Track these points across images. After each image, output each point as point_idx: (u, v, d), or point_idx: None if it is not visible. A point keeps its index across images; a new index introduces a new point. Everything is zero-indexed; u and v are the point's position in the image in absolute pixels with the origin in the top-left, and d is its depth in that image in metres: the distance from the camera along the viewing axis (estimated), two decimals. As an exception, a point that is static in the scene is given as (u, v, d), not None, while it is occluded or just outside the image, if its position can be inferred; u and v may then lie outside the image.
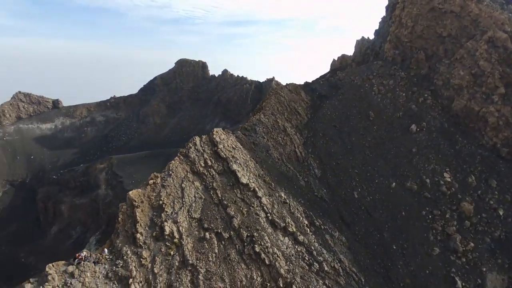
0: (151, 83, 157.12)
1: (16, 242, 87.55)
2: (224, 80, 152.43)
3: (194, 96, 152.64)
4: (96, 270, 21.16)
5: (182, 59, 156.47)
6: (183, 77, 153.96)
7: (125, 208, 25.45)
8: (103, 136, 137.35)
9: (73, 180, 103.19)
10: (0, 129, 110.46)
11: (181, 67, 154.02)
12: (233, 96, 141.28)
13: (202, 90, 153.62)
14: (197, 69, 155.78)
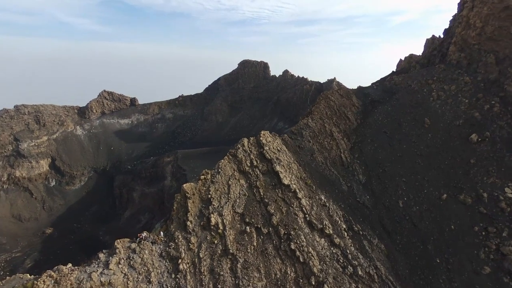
0: (215, 83, 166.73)
1: (96, 222, 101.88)
2: (284, 80, 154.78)
3: (255, 96, 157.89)
4: (153, 249, 25.53)
5: (244, 60, 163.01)
6: (245, 78, 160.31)
7: (179, 199, 29.68)
8: (171, 132, 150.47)
9: (144, 171, 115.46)
10: (88, 122, 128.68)
11: (244, 68, 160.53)
12: (292, 96, 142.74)
13: (263, 90, 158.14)
14: (259, 70, 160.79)
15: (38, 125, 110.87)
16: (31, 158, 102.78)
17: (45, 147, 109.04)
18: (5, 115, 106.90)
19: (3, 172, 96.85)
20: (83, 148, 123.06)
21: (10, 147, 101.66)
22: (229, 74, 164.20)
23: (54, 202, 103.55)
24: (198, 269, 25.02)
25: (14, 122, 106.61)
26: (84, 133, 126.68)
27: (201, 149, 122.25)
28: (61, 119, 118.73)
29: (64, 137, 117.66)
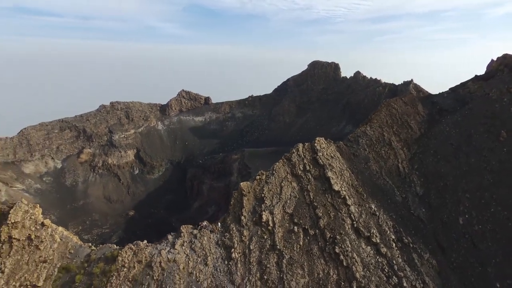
0: (284, 84, 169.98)
1: (170, 209, 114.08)
2: (355, 82, 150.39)
3: (324, 98, 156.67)
4: (211, 236, 29.75)
5: (314, 61, 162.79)
6: (314, 79, 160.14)
7: (236, 195, 33.53)
8: (239, 131, 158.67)
9: (213, 166, 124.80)
10: (167, 119, 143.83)
11: (313, 69, 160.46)
12: (363, 99, 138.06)
13: (332, 91, 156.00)
14: (329, 71, 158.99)
15: (128, 120, 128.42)
16: (121, 148, 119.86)
17: (132, 139, 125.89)
18: (103, 110, 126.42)
19: (99, 159, 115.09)
20: (163, 141, 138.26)
21: (105, 138, 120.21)
22: (298, 75, 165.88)
23: (137, 188, 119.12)
24: (248, 259, 28.39)
25: (110, 117, 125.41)
26: (164, 128, 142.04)
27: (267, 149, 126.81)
28: (146, 115, 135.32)
29: (147, 131, 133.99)
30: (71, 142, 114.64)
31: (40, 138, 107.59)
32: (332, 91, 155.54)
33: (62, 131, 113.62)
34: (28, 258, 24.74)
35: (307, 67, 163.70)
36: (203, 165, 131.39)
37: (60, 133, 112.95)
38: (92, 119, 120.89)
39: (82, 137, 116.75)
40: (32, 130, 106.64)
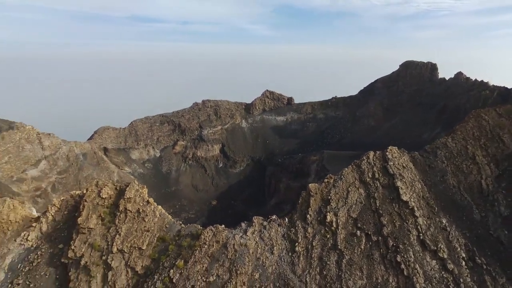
0: (372, 85, 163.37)
1: (248, 203, 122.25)
2: (456, 84, 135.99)
3: (415, 100, 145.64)
4: (278, 229, 33.72)
5: (407, 61, 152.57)
6: (406, 80, 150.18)
7: (305, 195, 36.76)
8: (320, 132, 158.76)
9: (291, 165, 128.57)
10: (251, 117, 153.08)
11: (406, 69, 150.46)
12: (464, 103, 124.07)
13: (426, 94, 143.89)
14: (424, 72, 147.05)
15: (216, 117, 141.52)
16: (208, 143, 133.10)
17: (219, 135, 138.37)
18: (195, 107, 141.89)
19: (190, 151, 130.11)
20: (245, 139, 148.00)
21: (196, 132, 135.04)
22: (388, 76, 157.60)
23: (220, 180, 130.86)
24: (310, 254, 31.48)
25: (201, 113, 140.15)
26: (247, 126, 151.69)
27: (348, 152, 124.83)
28: (232, 113, 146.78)
29: (232, 128, 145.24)
30: (168, 134, 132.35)
31: (145, 129, 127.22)
32: (426, 93, 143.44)
33: (162, 124, 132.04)
34: (137, 227, 32.48)
35: (399, 67, 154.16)
36: (282, 164, 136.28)
37: (160, 126, 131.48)
38: (186, 115, 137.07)
39: (177, 130, 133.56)
40: (139, 123, 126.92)
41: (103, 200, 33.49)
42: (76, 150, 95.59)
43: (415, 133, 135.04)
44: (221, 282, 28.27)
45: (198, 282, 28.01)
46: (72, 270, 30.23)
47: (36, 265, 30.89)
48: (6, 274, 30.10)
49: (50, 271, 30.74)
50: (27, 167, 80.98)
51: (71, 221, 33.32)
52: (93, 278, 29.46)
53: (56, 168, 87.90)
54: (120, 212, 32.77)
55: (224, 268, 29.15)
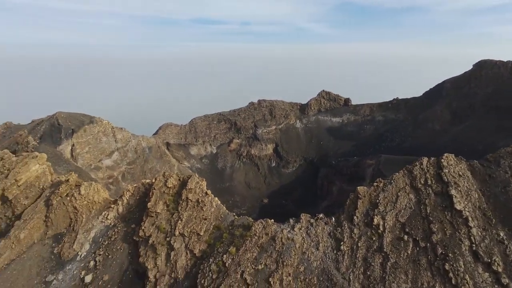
0: (439, 87, 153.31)
1: (299, 203, 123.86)
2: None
3: (491, 104, 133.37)
4: (325, 228, 35.59)
5: (483, 60, 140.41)
6: (480, 81, 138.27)
7: (353, 197, 38.02)
8: (378, 135, 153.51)
9: (346, 168, 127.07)
10: (306, 118, 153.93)
11: (480, 69, 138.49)
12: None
13: (505, 96, 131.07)
14: (503, 71, 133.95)
15: (271, 116, 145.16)
16: (262, 142, 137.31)
17: (273, 134, 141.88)
18: (251, 106, 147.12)
19: (244, 149, 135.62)
20: (299, 139, 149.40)
21: (251, 131, 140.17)
22: (458, 77, 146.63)
23: (272, 179, 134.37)
24: (354, 254, 32.88)
25: (256, 113, 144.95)
26: (301, 126, 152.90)
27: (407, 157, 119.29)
28: (286, 113, 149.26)
29: (286, 128, 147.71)
30: (224, 132, 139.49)
31: (203, 127, 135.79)
32: (505, 95, 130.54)
33: (219, 122, 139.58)
34: (196, 215, 36.87)
35: (472, 67, 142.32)
36: (335, 166, 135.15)
37: (218, 124, 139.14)
38: (242, 114, 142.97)
39: (233, 129, 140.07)
40: (198, 120, 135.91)
41: (169, 189, 38.55)
42: (143, 144, 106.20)
43: (489, 139, 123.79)
44: (268, 271, 31.15)
45: (247, 269, 31.25)
46: (142, 247, 35.61)
47: (114, 240, 36.95)
48: (90, 245, 36.57)
49: (124, 246, 36.55)
50: (102, 157, 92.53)
51: (142, 205, 38.97)
52: (159, 256, 34.44)
53: (126, 159, 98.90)
54: (182, 200, 37.48)
55: (271, 259, 31.99)
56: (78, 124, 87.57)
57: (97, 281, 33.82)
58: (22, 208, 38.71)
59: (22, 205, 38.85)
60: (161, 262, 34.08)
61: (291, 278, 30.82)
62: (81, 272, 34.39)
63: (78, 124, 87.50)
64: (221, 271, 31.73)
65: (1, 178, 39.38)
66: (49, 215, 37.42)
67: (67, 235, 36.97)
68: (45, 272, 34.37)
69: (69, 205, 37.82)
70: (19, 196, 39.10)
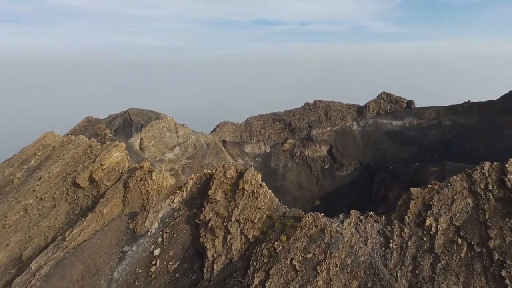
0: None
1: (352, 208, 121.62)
2: None
3: None
4: (374, 225, 36.99)
5: None
6: None
7: (405, 197, 38.74)
8: (445, 140, 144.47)
9: (405, 174, 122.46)
10: (363, 120, 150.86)
11: None
12: None
13: None
14: None
15: (326, 118, 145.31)
16: (317, 143, 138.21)
17: (327, 136, 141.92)
18: (306, 107, 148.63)
19: (298, 150, 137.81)
20: (355, 142, 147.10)
21: (305, 132, 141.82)
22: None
23: (325, 182, 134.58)
24: (403, 252, 33.88)
25: (311, 113, 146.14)
26: (358, 129, 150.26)
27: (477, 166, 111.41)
28: (343, 115, 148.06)
29: (342, 130, 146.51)
30: (279, 132, 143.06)
31: (258, 126, 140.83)
32: None
33: (274, 122, 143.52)
34: (251, 204, 40.70)
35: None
36: (394, 171, 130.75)
37: (272, 124, 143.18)
38: (297, 114, 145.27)
39: (287, 129, 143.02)
40: (254, 120, 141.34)
41: (227, 179, 42.96)
42: (202, 140, 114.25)
43: None
44: (316, 260, 33.69)
45: (297, 256, 34.13)
46: (202, 229, 40.42)
47: (178, 222, 42.38)
48: (159, 224, 42.43)
49: (187, 228, 41.75)
50: (166, 151, 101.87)
51: (203, 192, 43.94)
52: (217, 238, 38.89)
53: (186, 154, 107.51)
54: (239, 190, 41.59)
55: (320, 249, 34.46)
56: (146, 120, 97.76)
57: (163, 255, 39.37)
58: (105, 188, 46.17)
59: (105, 185, 46.34)
60: (219, 244, 38.46)
61: (338, 269, 32.99)
62: (151, 246, 40.27)
63: (147, 120, 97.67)
64: (272, 256, 35.06)
65: (90, 162, 47.36)
66: (126, 196, 44.19)
67: (140, 214, 43.32)
68: (122, 243, 40.89)
69: (143, 188, 44.20)
70: (103, 178, 46.69)
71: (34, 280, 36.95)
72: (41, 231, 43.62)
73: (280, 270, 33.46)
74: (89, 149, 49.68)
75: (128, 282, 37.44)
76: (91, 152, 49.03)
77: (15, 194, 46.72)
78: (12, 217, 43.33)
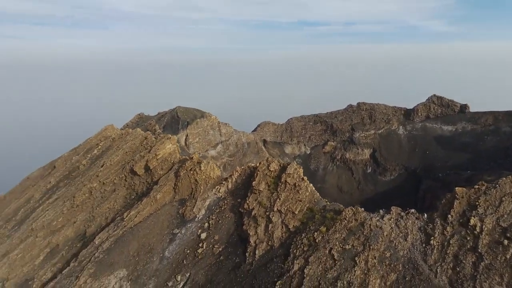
0: None
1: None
2: None
3: None
4: (415, 222, 38.03)
5: None
6: None
7: (449, 197, 39.28)
8: (503, 148, 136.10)
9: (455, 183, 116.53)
10: (410, 124, 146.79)
11: None
12: None
13: None
14: None
15: (370, 120, 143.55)
16: (359, 146, 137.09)
17: (371, 139, 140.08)
18: (349, 109, 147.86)
19: (339, 152, 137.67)
20: (401, 146, 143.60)
21: (347, 135, 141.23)
22: None
23: (367, 186, 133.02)
24: (444, 250, 34.63)
25: (354, 116, 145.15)
26: (405, 133, 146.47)
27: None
28: (388, 118, 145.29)
29: (387, 134, 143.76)
30: (320, 134, 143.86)
31: (299, 127, 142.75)
32: None
33: (315, 124, 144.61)
34: (292, 196, 43.38)
35: None
36: (442, 179, 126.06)
37: (313, 126, 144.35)
38: (339, 116, 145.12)
39: (328, 131, 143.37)
40: (295, 120, 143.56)
41: (270, 172, 46.01)
42: (243, 139, 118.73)
43: None
44: (355, 251, 35.56)
45: (335, 247, 36.24)
46: (245, 217, 43.80)
47: (223, 210, 46.20)
48: (206, 211, 46.56)
49: (231, 215, 45.40)
50: (208, 148, 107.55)
51: (247, 184, 47.41)
52: (259, 226, 42.04)
53: (227, 152, 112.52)
54: (281, 183, 44.45)
55: (359, 241, 36.25)
56: (192, 117, 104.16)
57: (209, 239, 43.30)
58: (158, 176, 51.40)
59: (158, 174, 51.60)
60: (261, 231, 41.56)
61: (376, 261, 34.60)
62: (198, 230, 44.43)
63: (192, 117, 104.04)
64: (311, 245, 37.46)
65: (145, 153, 52.97)
66: (177, 184, 48.94)
67: (189, 201, 47.77)
68: (173, 226, 45.50)
69: (192, 177, 48.67)
70: (157, 167, 52.01)
71: (98, 253, 42.61)
72: (102, 212, 49.71)
73: (319, 258, 35.78)
74: (145, 140, 55.46)
75: (178, 260, 41.80)
76: (146, 144, 54.73)
77: (81, 178, 53.60)
78: (79, 198, 49.94)
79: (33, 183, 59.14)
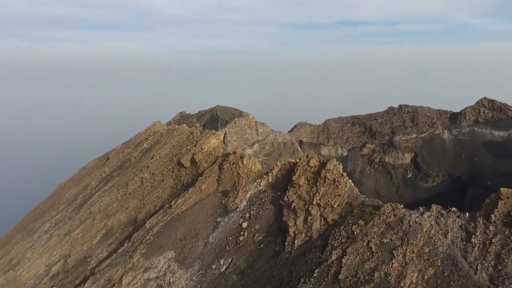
0: None
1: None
2: None
3: None
4: (456, 220, 38.92)
5: None
6: None
7: (493, 197, 39.79)
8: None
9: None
10: (457, 128, 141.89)
11: None
12: None
13: None
14: None
15: (412, 123, 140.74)
16: (399, 150, 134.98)
17: (412, 143, 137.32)
18: (390, 111, 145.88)
19: (377, 156, 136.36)
20: (445, 151, 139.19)
21: (387, 138, 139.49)
22: None
23: (406, 192, 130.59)
24: (486, 248, 35.36)
25: (395, 118, 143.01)
26: (450, 137, 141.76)
27: None
28: (432, 121, 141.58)
29: (430, 138, 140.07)
30: (358, 136, 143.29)
31: (336, 129, 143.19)
32: None
33: (353, 125, 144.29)
34: (331, 191, 45.64)
35: None
36: (492, 187, 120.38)
37: (351, 127, 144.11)
38: (379, 118, 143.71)
39: (367, 133, 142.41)
40: (332, 122, 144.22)
41: (310, 167, 48.57)
42: (279, 139, 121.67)
43: None
44: (393, 245, 37.21)
45: (373, 240, 38.08)
46: (285, 209, 46.68)
47: (264, 202, 49.41)
48: (247, 202, 50.02)
49: (271, 207, 48.51)
50: (245, 147, 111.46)
51: (287, 177, 50.29)
52: (298, 217, 44.73)
53: (264, 151, 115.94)
54: (321, 178, 46.87)
55: (397, 236, 37.83)
56: (230, 116, 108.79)
57: (250, 228, 46.67)
58: (203, 169, 55.78)
59: (203, 166, 55.98)
60: (300, 223, 44.23)
61: (414, 255, 36.05)
62: (240, 219, 47.99)
63: (231, 116, 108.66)
64: (349, 237, 39.56)
65: (191, 146, 57.62)
66: (220, 176, 52.92)
67: (231, 192, 51.52)
68: (216, 214, 49.44)
69: (234, 170, 52.41)
70: (202, 160, 56.44)
71: (148, 236, 47.43)
72: (152, 200, 54.85)
73: (356, 250, 37.82)
74: (191, 135, 60.25)
75: (220, 246, 45.56)
76: (192, 138, 59.45)
77: (133, 169, 59.30)
78: (131, 186, 55.47)
79: (89, 172, 66.09)
